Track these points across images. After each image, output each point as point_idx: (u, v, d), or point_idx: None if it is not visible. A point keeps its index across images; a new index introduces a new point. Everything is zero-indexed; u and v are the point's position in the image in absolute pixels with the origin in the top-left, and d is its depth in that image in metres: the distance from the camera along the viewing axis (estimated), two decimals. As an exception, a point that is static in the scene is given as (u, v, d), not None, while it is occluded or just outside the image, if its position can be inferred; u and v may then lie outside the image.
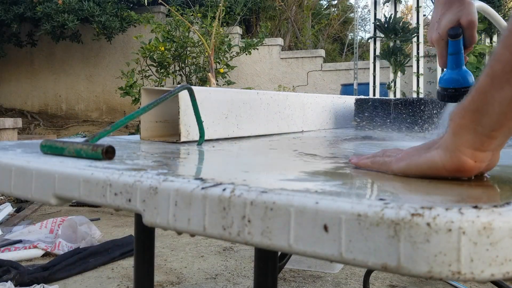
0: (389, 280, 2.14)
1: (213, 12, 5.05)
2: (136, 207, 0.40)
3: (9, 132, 4.07)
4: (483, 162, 0.42)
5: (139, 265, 0.89)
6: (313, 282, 2.12)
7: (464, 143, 0.41)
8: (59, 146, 0.54)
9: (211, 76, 4.02)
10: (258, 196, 0.34)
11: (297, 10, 8.29)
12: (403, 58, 5.46)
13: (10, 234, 2.63)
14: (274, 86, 6.58)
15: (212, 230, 0.35)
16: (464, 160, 0.41)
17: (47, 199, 0.47)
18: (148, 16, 5.05)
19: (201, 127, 0.76)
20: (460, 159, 0.41)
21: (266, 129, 1.01)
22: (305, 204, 0.32)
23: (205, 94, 0.84)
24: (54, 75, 7.50)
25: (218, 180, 0.39)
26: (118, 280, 2.15)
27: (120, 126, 0.59)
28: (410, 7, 9.81)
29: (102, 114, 7.28)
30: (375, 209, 0.29)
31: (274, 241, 0.33)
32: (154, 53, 4.76)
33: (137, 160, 0.56)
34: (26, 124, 6.70)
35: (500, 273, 0.28)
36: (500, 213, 0.28)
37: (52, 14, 5.81)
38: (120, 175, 0.42)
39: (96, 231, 2.67)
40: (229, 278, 2.17)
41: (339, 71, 6.49)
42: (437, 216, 0.28)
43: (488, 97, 0.38)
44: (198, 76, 5.11)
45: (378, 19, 5.63)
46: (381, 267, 0.29)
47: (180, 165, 0.53)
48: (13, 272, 2.01)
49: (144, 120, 0.85)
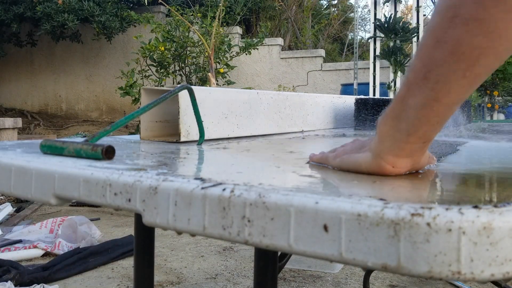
0: (389, 280, 2.14)
1: (213, 12, 5.05)
2: (136, 207, 0.40)
3: (9, 132, 4.07)
4: (401, 168, 0.46)
5: (139, 265, 0.89)
6: (313, 282, 2.12)
7: (385, 150, 0.45)
8: (59, 146, 0.54)
9: (211, 76, 4.02)
10: (258, 196, 0.34)
11: (297, 10, 8.29)
12: (403, 58, 5.46)
13: (10, 234, 2.63)
14: (274, 86, 6.58)
15: (212, 230, 0.35)
16: (383, 165, 0.46)
17: (47, 199, 0.47)
18: (148, 16, 5.05)
19: (201, 127, 0.76)
20: (380, 164, 0.46)
21: (266, 129, 1.01)
22: (305, 204, 0.32)
23: (205, 94, 0.84)
24: (54, 75, 7.50)
25: (218, 180, 0.39)
26: (118, 280, 2.14)
27: (120, 126, 0.59)
28: (410, 7, 9.81)
29: (102, 114, 7.28)
30: (375, 209, 0.29)
31: (274, 241, 0.33)
32: (154, 53, 4.76)
33: (137, 160, 0.56)
34: (26, 124, 6.70)
35: (500, 273, 0.28)
36: (500, 213, 0.28)
37: (52, 14, 5.81)
38: (120, 175, 0.42)
39: (96, 231, 2.67)
40: (229, 278, 2.17)
41: (339, 71, 6.49)
42: (437, 216, 0.28)
43: (404, 104, 0.42)
44: (198, 76, 5.11)
45: (378, 19, 5.63)
46: (381, 267, 0.29)
47: (180, 165, 0.53)
48: (13, 272, 2.01)
49: (144, 120, 0.85)
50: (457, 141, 0.90)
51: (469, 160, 0.68)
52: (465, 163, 0.64)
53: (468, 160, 0.69)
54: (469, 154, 0.75)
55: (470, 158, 0.71)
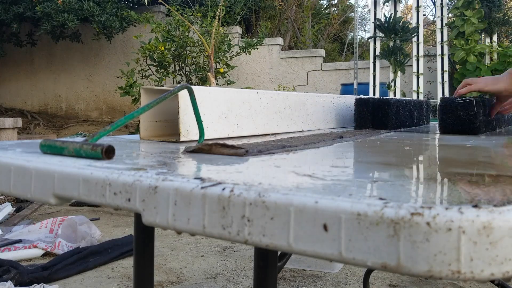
0: (389, 279, 2.14)
1: (213, 12, 5.04)
2: (136, 207, 0.40)
3: (9, 131, 4.07)
4: None
5: (139, 264, 0.89)
6: (313, 282, 2.12)
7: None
8: (59, 145, 0.54)
9: (211, 76, 4.01)
10: (258, 196, 0.33)
11: (297, 9, 8.29)
12: (403, 58, 5.46)
13: (10, 234, 2.64)
14: (274, 86, 6.58)
15: (211, 229, 0.35)
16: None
17: (47, 198, 0.47)
18: (148, 16, 5.05)
19: (201, 127, 0.76)
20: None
21: (266, 129, 1.01)
22: (304, 203, 0.32)
23: (205, 93, 0.84)
24: (54, 74, 7.50)
25: (217, 179, 0.39)
26: (118, 280, 2.14)
27: (120, 125, 0.58)
28: (410, 6, 9.81)
29: (102, 113, 7.27)
30: (375, 208, 0.29)
31: (273, 240, 0.33)
32: (154, 53, 4.76)
33: (137, 159, 0.56)
34: (26, 124, 6.70)
35: (500, 272, 0.28)
36: (500, 212, 0.28)
37: (52, 13, 5.81)
38: (120, 175, 0.42)
39: (96, 230, 2.68)
40: (229, 278, 2.17)
41: (339, 70, 6.48)
42: (437, 216, 0.28)
43: None
44: (198, 76, 5.11)
45: (378, 18, 5.63)
46: (381, 266, 0.29)
47: (180, 165, 0.53)
48: (13, 272, 2.01)
49: (144, 119, 0.85)
50: None
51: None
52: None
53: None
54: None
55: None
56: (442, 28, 5.44)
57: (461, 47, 5.21)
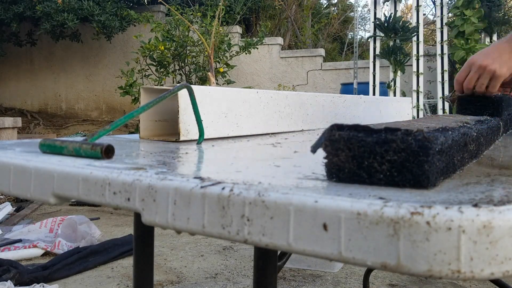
0: (389, 279, 2.14)
1: (213, 11, 5.04)
2: (135, 206, 0.40)
3: (8, 131, 4.07)
4: None
5: (139, 264, 0.89)
6: (313, 281, 2.12)
7: None
8: (58, 145, 0.54)
9: (211, 76, 4.01)
10: (257, 195, 0.33)
11: (297, 9, 8.28)
12: (403, 57, 5.45)
13: (9, 234, 2.63)
14: (274, 85, 6.58)
15: (211, 229, 0.35)
16: None
17: (46, 198, 0.47)
18: (148, 15, 5.05)
19: (201, 126, 0.76)
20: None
21: (265, 128, 1.01)
22: (304, 202, 0.31)
23: (205, 93, 0.84)
24: (53, 74, 7.50)
25: (217, 179, 0.38)
26: (118, 280, 2.14)
27: (120, 125, 0.58)
28: (410, 6, 9.81)
29: (102, 113, 7.27)
30: (375, 207, 0.29)
31: (273, 240, 0.32)
32: (154, 52, 4.76)
33: (136, 159, 0.56)
34: (25, 123, 6.70)
35: (500, 271, 0.28)
36: (500, 212, 0.28)
37: (51, 13, 5.81)
38: (119, 174, 0.42)
39: (96, 230, 2.67)
40: (229, 277, 2.17)
41: (339, 70, 6.48)
42: (436, 215, 0.28)
43: None
44: (198, 75, 5.11)
45: (378, 18, 5.62)
46: (381, 266, 0.29)
47: (179, 164, 0.53)
48: (13, 272, 2.01)
49: (144, 119, 0.85)
50: None
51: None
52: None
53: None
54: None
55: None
56: (442, 28, 5.44)
57: (461, 47, 5.21)
